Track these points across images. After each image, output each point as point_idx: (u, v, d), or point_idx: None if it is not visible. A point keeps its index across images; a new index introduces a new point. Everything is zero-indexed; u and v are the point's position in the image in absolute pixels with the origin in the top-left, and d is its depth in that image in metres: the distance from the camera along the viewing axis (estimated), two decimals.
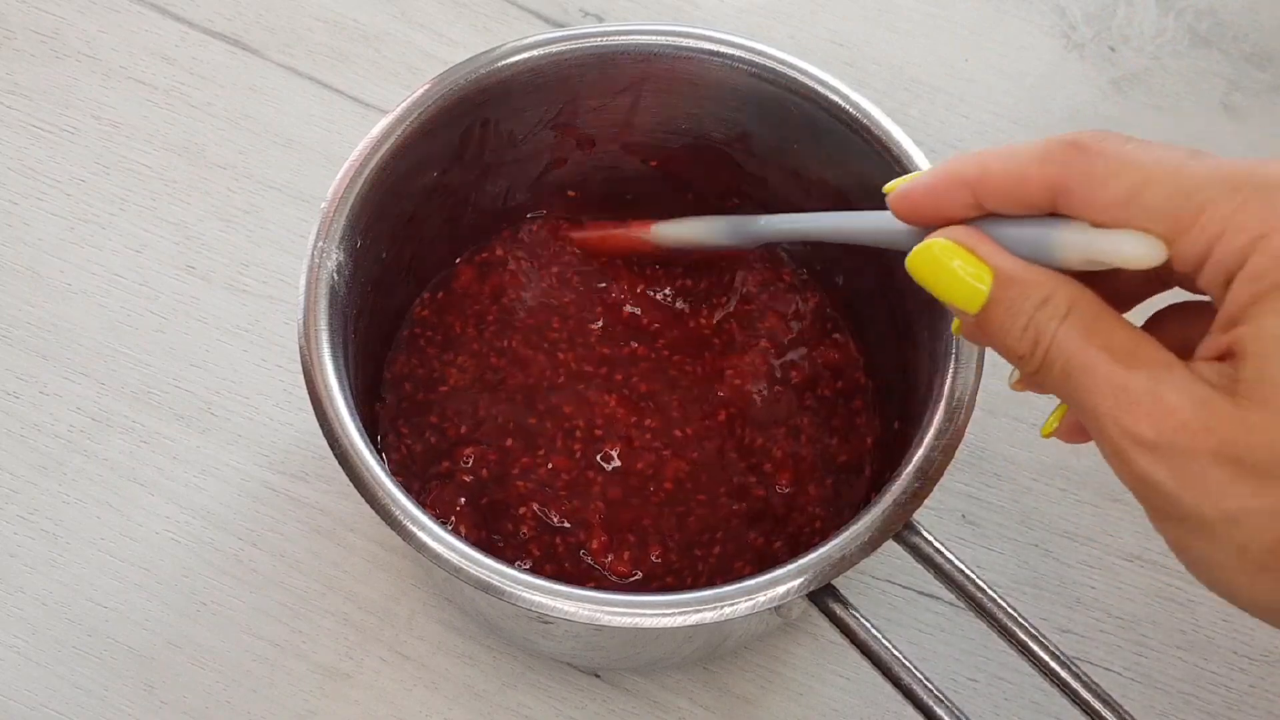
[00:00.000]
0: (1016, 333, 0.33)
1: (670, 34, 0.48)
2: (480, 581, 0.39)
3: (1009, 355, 0.33)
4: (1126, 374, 0.31)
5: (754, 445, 0.49)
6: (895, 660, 0.39)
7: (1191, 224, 0.30)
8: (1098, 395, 0.31)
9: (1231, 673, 0.50)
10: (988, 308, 0.33)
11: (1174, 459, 0.30)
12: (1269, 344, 0.29)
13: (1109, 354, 0.31)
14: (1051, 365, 0.32)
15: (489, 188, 0.51)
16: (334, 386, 0.42)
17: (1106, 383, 0.31)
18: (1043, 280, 0.32)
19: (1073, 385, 0.32)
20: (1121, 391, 0.31)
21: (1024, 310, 0.32)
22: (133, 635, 0.49)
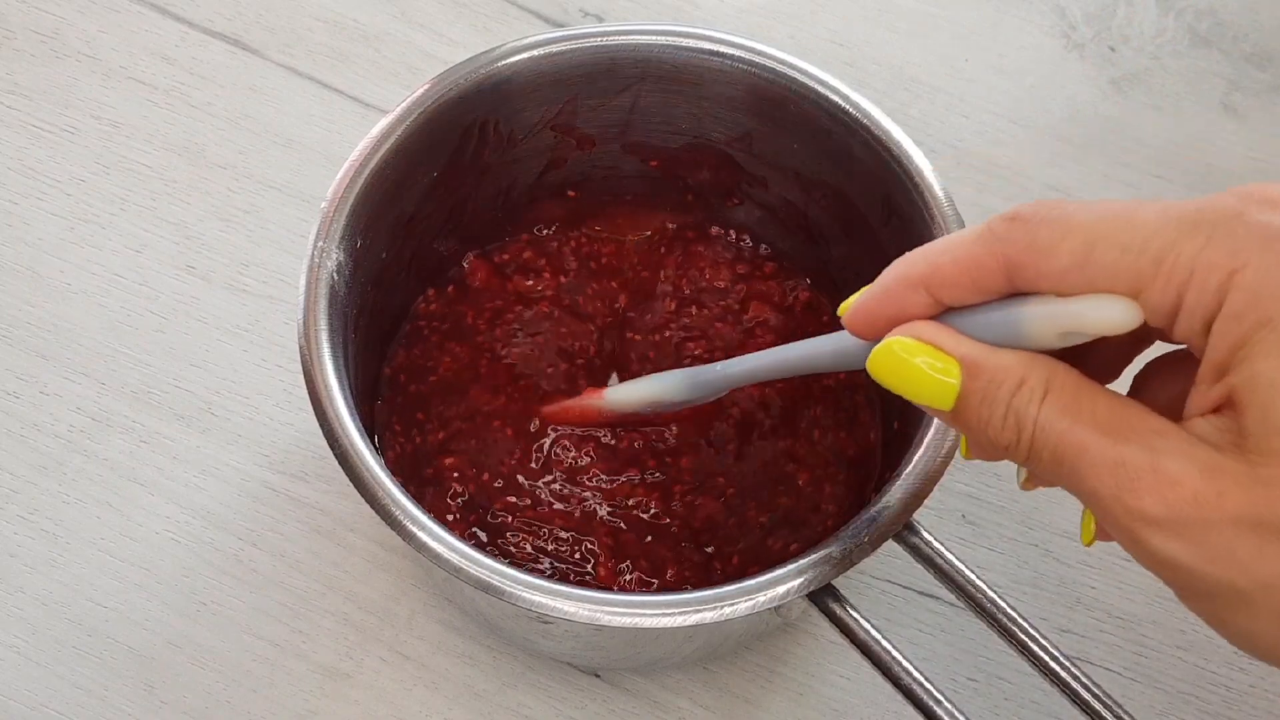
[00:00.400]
0: (997, 423, 0.31)
1: (670, 34, 0.48)
2: (480, 581, 0.39)
3: (995, 449, 0.31)
4: (1120, 448, 0.29)
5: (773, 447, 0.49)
6: (895, 660, 0.39)
7: (1154, 274, 0.28)
8: (1095, 477, 0.29)
9: (1231, 672, 0.50)
10: (961, 401, 0.31)
11: (1191, 534, 0.28)
12: (1267, 390, 0.28)
13: (1097, 429, 0.29)
14: (1040, 452, 0.30)
15: (489, 188, 0.51)
16: (334, 386, 0.42)
17: (1101, 461, 0.29)
18: (1013, 363, 0.31)
19: (1067, 470, 0.30)
20: (1119, 468, 0.29)
21: (1000, 398, 0.30)
22: (133, 635, 0.49)
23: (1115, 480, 0.29)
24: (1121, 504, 0.29)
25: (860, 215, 0.49)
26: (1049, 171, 0.60)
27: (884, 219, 0.48)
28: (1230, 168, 0.61)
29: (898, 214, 0.46)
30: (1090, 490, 0.29)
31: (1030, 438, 0.30)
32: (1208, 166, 0.60)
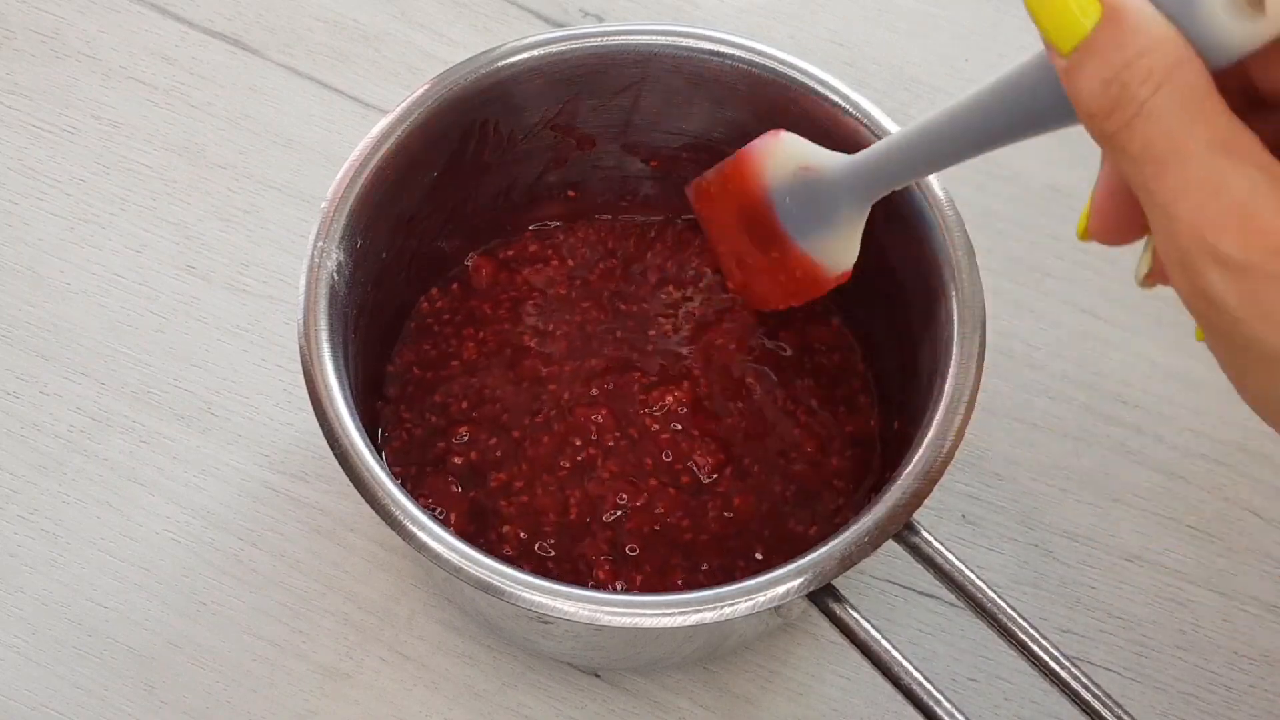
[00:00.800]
0: (1098, 86, 0.27)
1: (670, 34, 0.48)
2: (480, 581, 0.39)
3: (1084, 115, 0.28)
4: (1223, 172, 0.26)
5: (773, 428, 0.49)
6: (895, 660, 0.39)
7: None
8: (1181, 191, 0.26)
9: (1232, 673, 0.50)
10: (1083, 48, 0.27)
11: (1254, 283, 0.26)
12: None
13: (1207, 142, 0.26)
14: (1132, 137, 0.27)
15: (489, 188, 0.51)
16: (334, 386, 0.42)
17: (1197, 178, 0.26)
18: (1153, 30, 0.27)
19: (1153, 170, 0.27)
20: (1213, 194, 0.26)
21: (1116, 59, 0.27)
22: (133, 635, 0.49)
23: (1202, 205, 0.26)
24: (1195, 233, 0.26)
25: None
26: (1049, 171, 0.60)
27: (884, 219, 0.47)
28: None
29: (897, 214, 0.46)
30: (1166, 200, 0.27)
31: (1129, 116, 0.27)
32: None
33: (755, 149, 0.46)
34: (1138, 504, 0.53)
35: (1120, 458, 0.53)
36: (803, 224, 0.45)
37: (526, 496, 0.47)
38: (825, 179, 0.44)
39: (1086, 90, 0.27)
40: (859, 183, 0.43)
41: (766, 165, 0.45)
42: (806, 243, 0.45)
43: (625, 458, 0.48)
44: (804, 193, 0.44)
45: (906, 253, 0.46)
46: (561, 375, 0.50)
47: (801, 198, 0.45)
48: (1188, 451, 0.54)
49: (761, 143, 0.46)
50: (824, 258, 0.45)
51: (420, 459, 0.48)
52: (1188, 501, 0.53)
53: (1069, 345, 0.56)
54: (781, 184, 0.45)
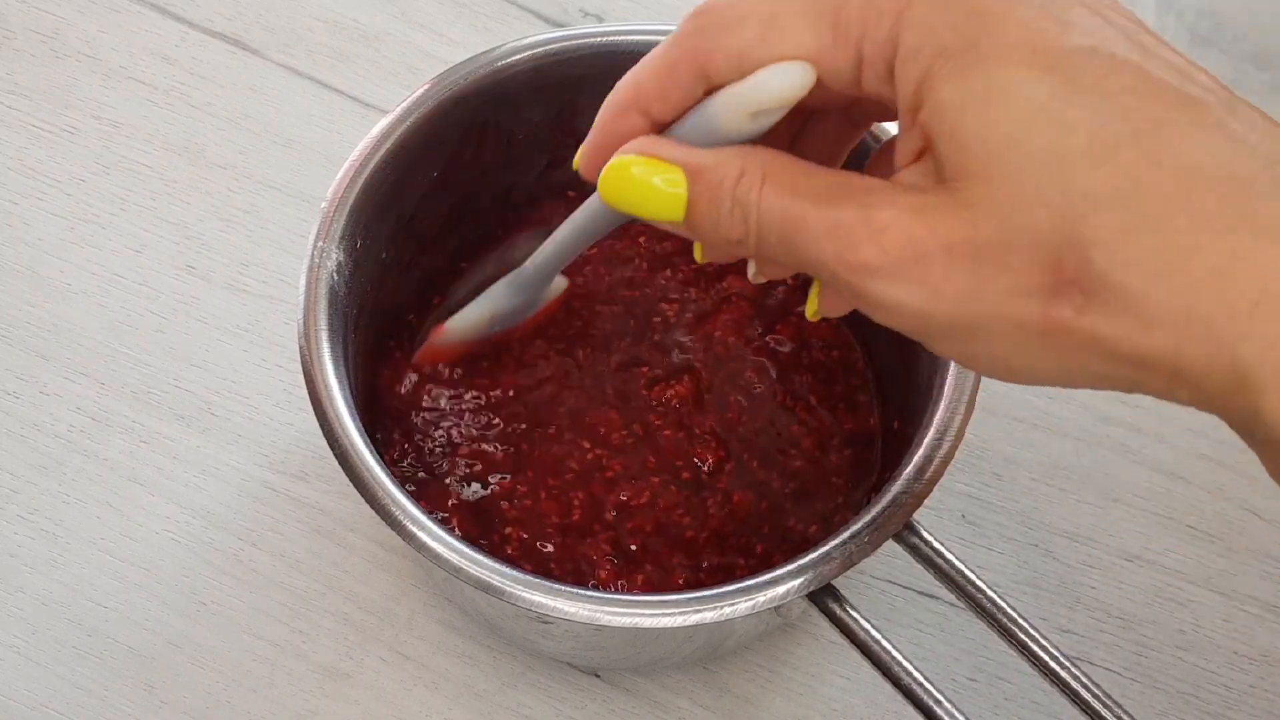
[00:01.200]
0: (725, 218, 0.31)
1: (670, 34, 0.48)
2: (480, 581, 0.39)
3: (728, 245, 0.32)
4: (835, 212, 0.30)
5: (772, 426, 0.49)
6: (895, 660, 0.39)
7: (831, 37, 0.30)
8: (816, 244, 0.30)
9: (1231, 672, 0.50)
10: (691, 207, 0.32)
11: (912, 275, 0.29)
12: (950, 113, 0.29)
13: (814, 201, 0.30)
14: (767, 235, 0.31)
15: (489, 188, 0.51)
16: (334, 386, 0.42)
17: (820, 226, 0.30)
18: (730, 158, 0.31)
19: (792, 244, 0.30)
20: (835, 229, 0.30)
21: (724, 193, 0.31)
22: (133, 635, 0.49)
23: (834, 241, 0.30)
24: (843, 261, 0.30)
25: None
26: None
27: None
28: None
29: None
30: (814, 256, 0.30)
31: (756, 223, 0.31)
32: None
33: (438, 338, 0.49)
34: (1138, 504, 0.53)
35: (1120, 458, 0.53)
36: None
37: (530, 501, 0.47)
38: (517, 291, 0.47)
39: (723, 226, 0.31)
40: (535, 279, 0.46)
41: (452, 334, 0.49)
42: None
43: (630, 456, 0.48)
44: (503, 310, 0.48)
45: None
46: (566, 374, 0.50)
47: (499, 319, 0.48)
48: (1188, 451, 0.54)
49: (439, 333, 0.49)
50: None
51: (423, 461, 0.48)
52: (1188, 501, 0.53)
53: None
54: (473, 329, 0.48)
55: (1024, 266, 0.28)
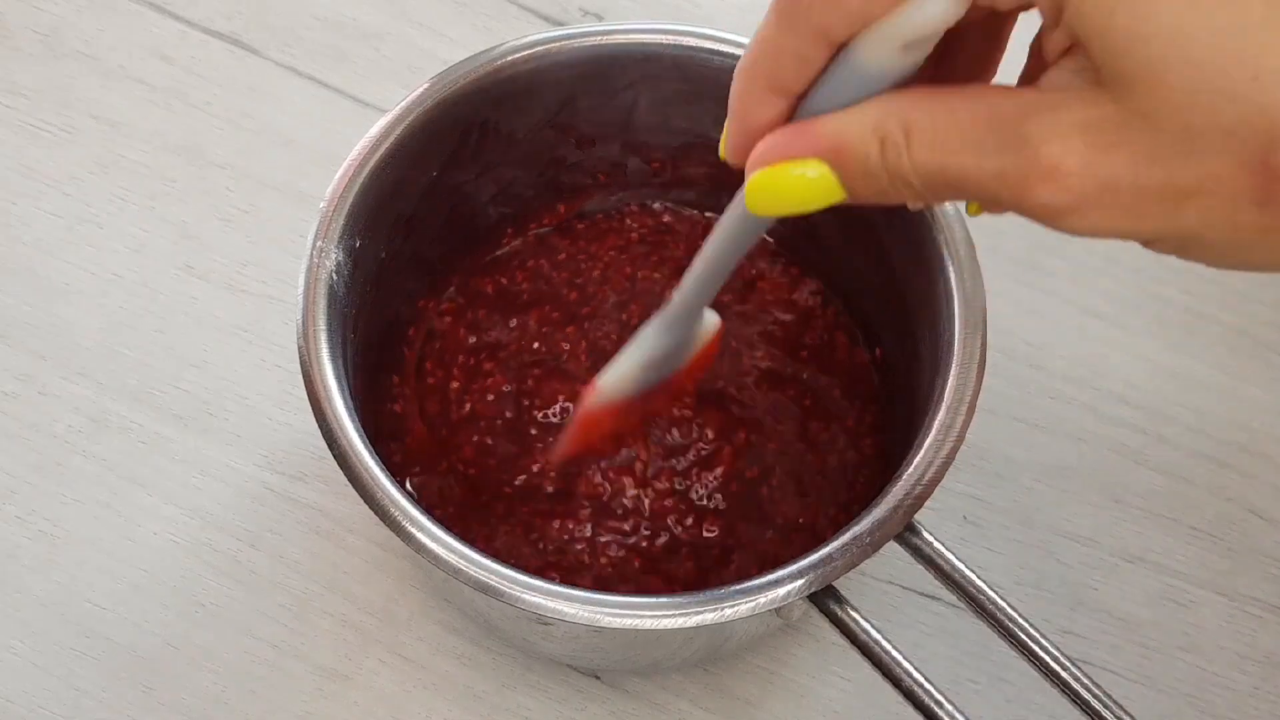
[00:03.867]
0: (888, 190, 0.30)
1: (670, 33, 0.48)
2: (479, 582, 0.39)
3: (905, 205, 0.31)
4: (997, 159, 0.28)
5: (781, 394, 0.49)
6: (896, 662, 0.39)
7: None
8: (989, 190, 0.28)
9: (1234, 674, 0.50)
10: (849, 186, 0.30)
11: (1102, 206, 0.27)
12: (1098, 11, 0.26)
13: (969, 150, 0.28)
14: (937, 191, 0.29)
15: (489, 187, 0.51)
16: (333, 386, 0.42)
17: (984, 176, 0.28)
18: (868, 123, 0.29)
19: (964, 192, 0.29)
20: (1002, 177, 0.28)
21: (874, 168, 0.29)
22: (131, 636, 0.49)
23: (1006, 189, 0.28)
24: (1022, 204, 0.28)
25: (860, 214, 0.49)
26: None
27: (884, 218, 0.47)
28: None
29: (898, 214, 0.46)
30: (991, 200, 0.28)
31: (920, 186, 0.29)
32: None
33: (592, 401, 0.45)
34: (1139, 505, 0.53)
35: (1121, 458, 0.53)
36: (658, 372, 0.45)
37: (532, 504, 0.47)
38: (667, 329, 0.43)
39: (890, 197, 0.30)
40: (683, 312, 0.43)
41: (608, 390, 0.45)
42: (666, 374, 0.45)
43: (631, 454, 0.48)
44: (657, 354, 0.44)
45: (906, 253, 0.46)
46: (566, 375, 0.50)
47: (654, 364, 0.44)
48: (1189, 452, 0.53)
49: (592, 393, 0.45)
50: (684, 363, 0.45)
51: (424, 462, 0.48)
52: (1189, 502, 0.53)
53: (1070, 345, 0.56)
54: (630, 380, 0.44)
55: (1227, 173, 0.26)
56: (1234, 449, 0.54)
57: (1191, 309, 0.56)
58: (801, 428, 0.49)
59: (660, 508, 0.48)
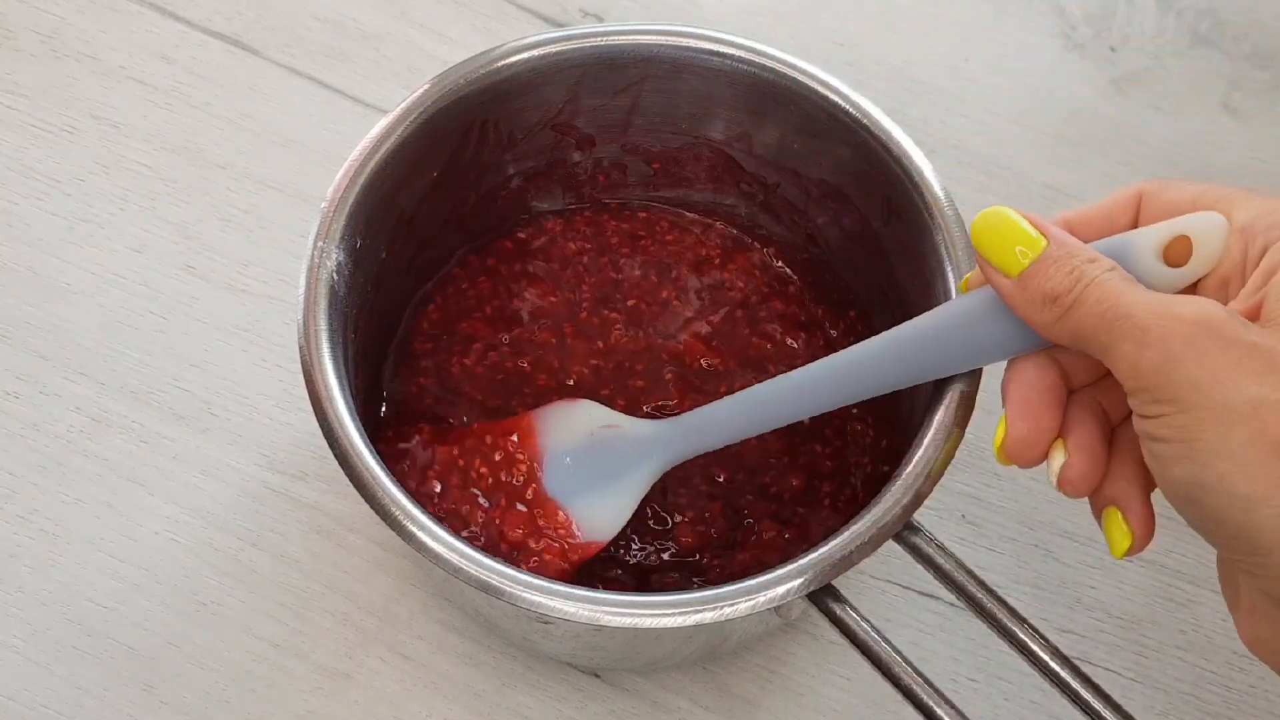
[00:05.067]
0: (1060, 276, 0.34)
1: (670, 34, 0.48)
2: (480, 581, 0.39)
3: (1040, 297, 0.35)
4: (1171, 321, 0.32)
5: None
6: (895, 660, 0.39)
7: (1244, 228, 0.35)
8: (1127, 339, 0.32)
9: (1232, 673, 0.50)
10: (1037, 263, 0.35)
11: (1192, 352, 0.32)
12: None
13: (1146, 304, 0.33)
14: (1084, 303, 0.34)
15: (489, 187, 0.51)
16: (334, 386, 0.42)
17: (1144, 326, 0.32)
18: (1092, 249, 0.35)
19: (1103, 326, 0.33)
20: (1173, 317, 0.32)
21: (1072, 261, 0.34)
22: (132, 635, 0.49)
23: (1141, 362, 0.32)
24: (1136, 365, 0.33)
25: (860, 215, 0.49)
26: (1049, 171, 0.60)
27: (884, 219, 0.48)
28: (1230, 167, 0.61)
29: (898, 214, 0.46)
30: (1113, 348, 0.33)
31: (1084, 289, 0.34)
32: (1208, 166, 0.60)
33: (545, 413, 0.47)
34: None
35: None
36: (576, 485, 0.46)
37: None
38: (628, 436, 0.45)
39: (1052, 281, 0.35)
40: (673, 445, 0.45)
41: (552, 426, 0.46)
42: (572, 504, 0.45)
43: None
44: (596, 451, 0.46)
45: (906, 253, 0.46)
46: (565, 376, 0.50)
47: (590, 456, 0.46)
48: None
49: (554, 407, 0.47)
50: (587, 521, 0.45)
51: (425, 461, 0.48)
52: None
53: None
54: (566, 443, 0.46)
55: None
56: None
57: None
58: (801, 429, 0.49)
59: None
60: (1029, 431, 0.37)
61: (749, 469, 0.48)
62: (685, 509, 0.47)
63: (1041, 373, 0.37)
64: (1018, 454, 0.37)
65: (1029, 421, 0.36)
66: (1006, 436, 0.37)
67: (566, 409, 0.47)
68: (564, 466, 0.46)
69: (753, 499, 0.48)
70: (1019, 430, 0.37)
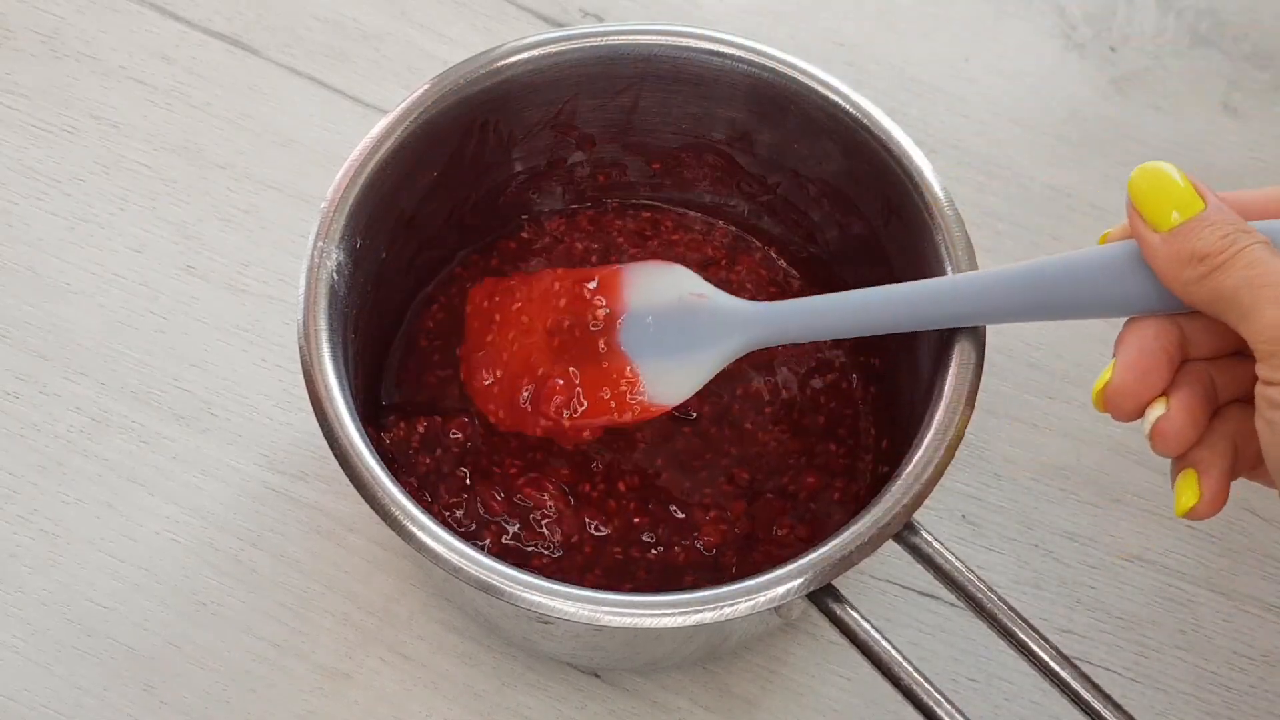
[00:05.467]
0: (1212, 237, 0.34)
1: (670, 34, 0.48)
2: (480, 581, 0.39)
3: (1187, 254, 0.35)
4: None
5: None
6: (895, 660, 0.39)
7: None
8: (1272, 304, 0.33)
9: (1232, 673, 0.50)
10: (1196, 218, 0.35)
11: None
12: None
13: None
14: (1233, 265, 0.34)
15: (489, 187, 0.51)
16: (334, 386, 0.42)
17: None
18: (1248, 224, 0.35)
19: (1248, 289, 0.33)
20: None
21: (1227, 225, 0.35)
22: (132, 635, 0.49)
23: None
24: None
25: (860, 215, 0.49)
26: (1049, 171, 0.60)
27: (884, 219, 0.48)
28: (1230, 168, 0.61)
29: (898, 214, 0.46)
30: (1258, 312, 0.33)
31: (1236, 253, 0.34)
32: (1208, 166, 0.60)
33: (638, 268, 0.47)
34: (1137, 504, 0.53)
35: (1120, 458, 0.53)
36: (652, 346, 0.46)
37: None
38: (715, 310, 0.45)
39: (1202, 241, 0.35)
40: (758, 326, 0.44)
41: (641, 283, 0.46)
42: (643, 363, 0.45)
43: (628, 452, 0.48)
44: (680, 317, 0.45)
45: (906, 252, 0.46)
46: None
47: (672, 321, 0.45)
48: None
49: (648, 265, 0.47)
50: (653, 383, 0.45)
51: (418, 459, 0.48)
52: None
53: (1069, 345, 0.56)
54: (651, 303, 0.46)
55: None
56: None
57: None
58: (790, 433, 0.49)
59: None
60: (1133, 383, 0.36)
61: (769, 469, 0.49)
62: (709, 507, 0.48)
63: (1161, 331, 0.37)
64: (1116, 403, 0.37)
65: (1135, 374, 0.36)
66: (1110, 383, 0.37)
67: (660, 269, 0.46)
68: (644, 325, 0.45)
69: (773, 497, 0.48)
70: (1124, 379, 0.37)
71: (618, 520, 0.47)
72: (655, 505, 0.47)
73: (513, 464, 0.48)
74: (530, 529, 0.47)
